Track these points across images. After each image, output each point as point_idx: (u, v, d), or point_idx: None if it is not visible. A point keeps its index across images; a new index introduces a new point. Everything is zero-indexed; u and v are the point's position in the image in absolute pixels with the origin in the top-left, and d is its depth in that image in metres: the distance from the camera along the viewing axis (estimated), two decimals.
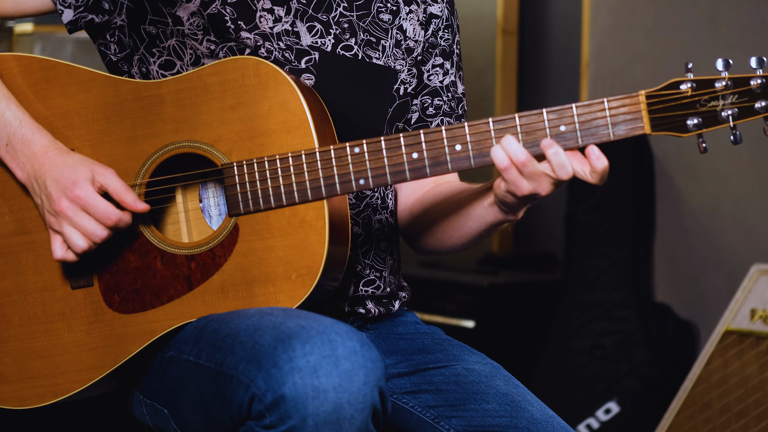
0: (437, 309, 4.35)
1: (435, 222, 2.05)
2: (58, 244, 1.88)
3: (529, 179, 1.78)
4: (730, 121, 1.72)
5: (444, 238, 2.05)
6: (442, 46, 2.15)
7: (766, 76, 1.71)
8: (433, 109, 2.13)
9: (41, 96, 1.96)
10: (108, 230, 1.86)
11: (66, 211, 1.85)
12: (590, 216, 4.28)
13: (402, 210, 2.15)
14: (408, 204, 2.14)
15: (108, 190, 1.87)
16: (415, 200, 2.12)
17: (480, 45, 4.84)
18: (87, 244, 1.86)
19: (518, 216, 1.90)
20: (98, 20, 1.98)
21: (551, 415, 1.94)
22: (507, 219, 1.91)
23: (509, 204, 1.85)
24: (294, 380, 1.63)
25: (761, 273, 3.62)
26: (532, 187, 1.78)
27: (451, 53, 2.16)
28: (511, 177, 1.78)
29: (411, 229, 2.13)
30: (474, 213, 1.96)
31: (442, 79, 2.15)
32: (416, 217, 2.11)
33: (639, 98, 1.74)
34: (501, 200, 1.85)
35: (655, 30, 4.31)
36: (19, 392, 1.96)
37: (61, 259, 1.89)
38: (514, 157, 1.76)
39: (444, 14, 2.15)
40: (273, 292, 1.84)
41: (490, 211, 1.92)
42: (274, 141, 1.85)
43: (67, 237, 1.86)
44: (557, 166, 1.76)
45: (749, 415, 3.47)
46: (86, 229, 1.85)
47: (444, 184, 2.11)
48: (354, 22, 2.03)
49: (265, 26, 1.97)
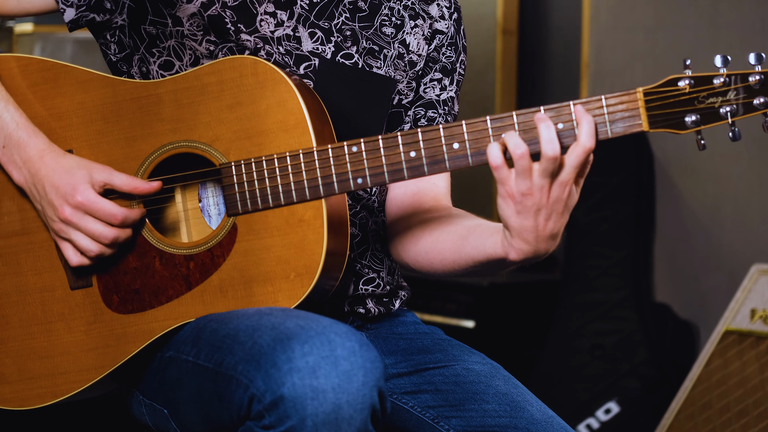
0: (437, 309, 4.35)
1: (429, 236, 2.01)
2: (71, 251, 1.88)
3: (520, 174, 1.75)
4: (728, 118, 1.70)
5: (434, 257, 1.99)
6: (443, 63, 2.14)
7: (764, 72, 1.69)
8: (426, 120, 2.11)
9: (40, 97, 1.96)
10: (116, 230, 1.86)
11: (71, 219, 1.85)
12: (590, 216, 4.28)
13: (392, 218, 2.11)
14: (402, 215, 2.09)
15: (114, 186, 1.87)
16: (413, 213, 2.09)
17: (480, 45, 4.83)
18: (98, 247, 1.86)
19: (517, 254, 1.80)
20: (99, 19, 1.98)
21: (551, 415, 1.93)
22: (506, 256, 1.82)
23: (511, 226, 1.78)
24: (293, 381, 1.62)
25: (761, 273, 3.62)
26: (525, 186, 1.75)
27: (452, 71, 2.14)
28: (501, 176, 1.74)
29: (400, 237, 2.07)
30: (474, 239, 1.90)
31: (438, 93, 2.13)
32: (408, 226, 2.06)
33: (637, 95, 1.73)
34: (503, 219, 1.79)
35: (655, 30, 4.31)
36: (19, 393, 1.96)
37: (78, 265, 1.89)
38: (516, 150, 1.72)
39: (449, 32, 2.14)
40: (272, 291, 1.84)
41: (489, 241, 1.85)
42: (272, 140, 1.85)
43: (78, 244, 1.87)
44: (546, 141, 1.72)
45: (749, 415, 3.47)
46: (94, 233, 1.85)
47: (448, 206, 2.08)
48: (357, 30, 2.03)
49: (266, 30, 1.97)
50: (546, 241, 1.78)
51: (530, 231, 1.76)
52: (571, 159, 1.73)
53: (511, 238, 1.79)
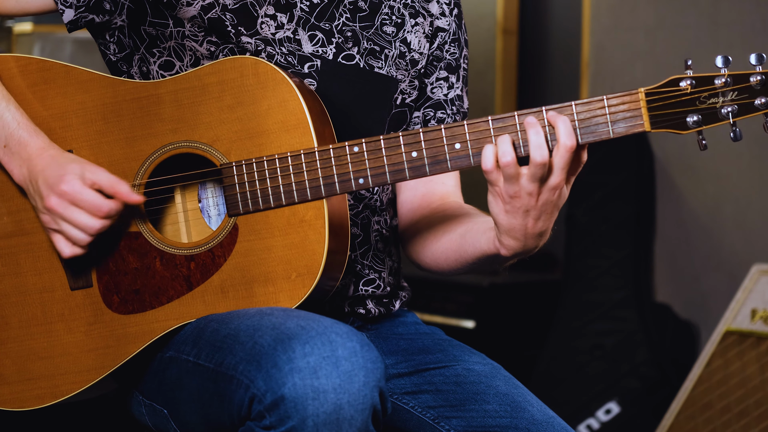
0: (437, 309, 4.35)
1: (434, 236, 2.04)
2: (62, 243, 1.88)
3: (508, 180, 1.77)
4: (730, 118, 1.72)
5: (440, 256, 2.03)
6: (447, 60, 2.14)
7: (765, 72, 1.71)
8: (436, 121, 2.12)
9: (40, 97, 1.96)
10: (101, 221, 1.85)
11: (56, 208, 1.85)
12: (590, 216, 4.28)
13: (404, 220, 2.13)
14: (412, 217, 2.12)
15: (100, 186, 1.86)
16: (421, 215, 2.11)
17: (480, 45, 4.83)
18: (86, 236, 1.86)
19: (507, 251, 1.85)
20: (98, 20, 1.98)
21: (551, 416, 1.93)
22: (498, 252, 1.86)
23: (500, 223, 1.81)
24: (294, 381, 1.62)
25: (762, 273, 3.62)
26: (513, 190, 1.77)
27: (457, 67, 2.15)
28: (491, 178, 1.77)
29: (410, 238, 2.12)
30: (471, 237, 1.94)
31: (446, 92, 2.13)
32: (417, 228, 2.09)
33: (638, 95, 1.74)
34: (493, 216, 1.83)
35: (656, 30, 4.31)
36: (19, 394, 1.95)
37: (70, 255, 1.88)
38: (503, 157, 1.75)
39: (451, 28, 2.14)
40: (273, 291, 1.84)
41: (484, 238, 1.90)
42: (272, 140, 1.85)
43: (66, 233, 1.86)
44: (534, 147, 1.74)
45: (750, 416, 3.47)
46: (79, 223, 1.85)
47: (453, 203, 2.10)
48: (357, 31, 2.03)
49: (266, 32, 1.97)
50: (534, 238, 1.82)
51: (519, 230, 1.80)
52: (557, 161, 1.75)
53: (500, 235, 1.83)
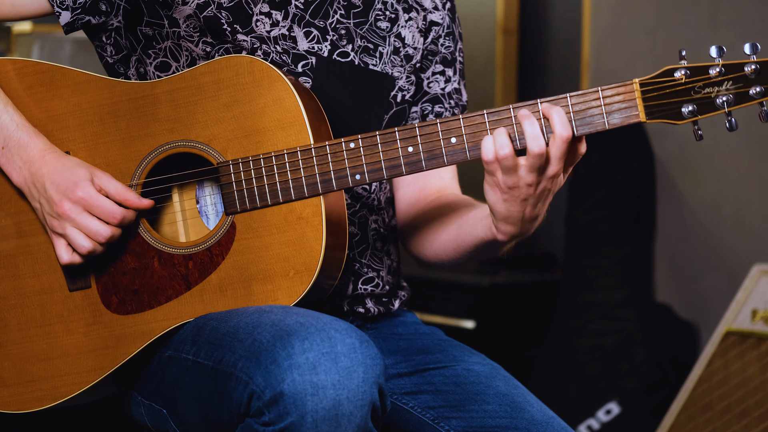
0: (437, 309, 4.35)
1: (432, 229, 2.05)
2: (62, 248, 1.88)
3: (506, 172, 1.78)
4: (725, 108, 1.73)
5: (439, 248, 2.05)
6: (442, 54, 2.14)
7: (759, 61, 1.72)
8: (434, 116, 2.12)
9: (36, 99, 1.96)
10: (112, 228, 1.86)
11: (69, 213, 1.85)
12: (590, 216, 4.28)
13: (402, 216, 2.14)
14: (410, 212, 2.13)
15: (108, 193, 1.87)
16: (418, 209, 2.11)
17: (480, 45, 4.84)
18: (91, 244, 1.86)
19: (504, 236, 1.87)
20: (95, 21, 1.98)
21: (551, 416, 1.93)
22: (495, 238, 1.88)
23: (497, 211, 1.83)
24: (293, 377, 1.62)
25: (762, 273, 3.61)
26: (512, 182, 1.78)
27: (453, 61, 2.15)
28: (490, 168, 1.79)
29: (409, 233, 2.12)
30: (468, 226, 1.96)
31: (443, 86, 2.14)
32: (415, 222, 2.10)
33: (633, 86, 1.75)
34: (490, 204, 1.84)
35: (656, 29, 4.31)
36: (19, 396, 1.95)
37: (68, 263, 1.88)
38: (500, 150, 1.76)
39: (445, 22, 2.14)
40: (271, 289, 1.84)
41: (480, 225, 1.92)
42: (269, 138, 1.85)
43: (71, 239, 1.86)
44: (531, 138, 1.77)
45: (750, 416, 3.47)
46: (90, 229, 1.85)
47: (450, 194, 2.11)
48: (351, 28, 2.03)
49: (261, 30, 1.97)
50: (530, 222, 1.86)
51: (516, 216, 1.83)
52: (553, 151, 1.77)
53: (497, 222, 1.86)
